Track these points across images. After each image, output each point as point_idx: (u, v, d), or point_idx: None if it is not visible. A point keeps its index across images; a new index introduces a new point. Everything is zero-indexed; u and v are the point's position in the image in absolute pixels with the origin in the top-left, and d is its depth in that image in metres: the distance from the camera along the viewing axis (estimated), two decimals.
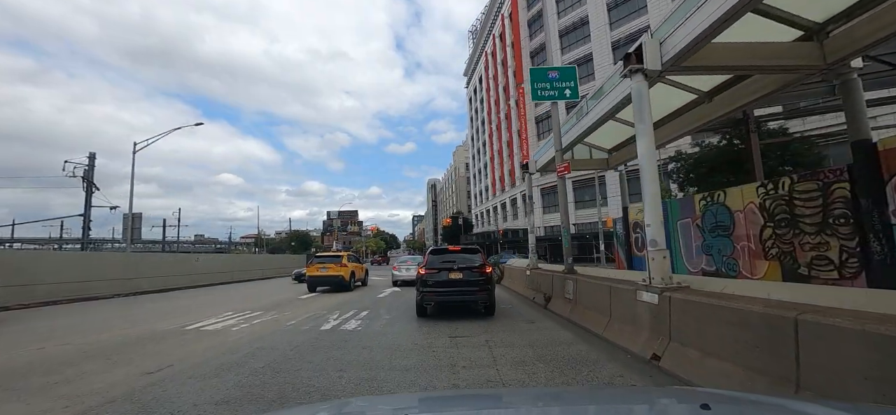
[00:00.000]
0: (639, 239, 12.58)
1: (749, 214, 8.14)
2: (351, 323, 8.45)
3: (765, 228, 7.76)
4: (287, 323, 8.66)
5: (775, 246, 7.55)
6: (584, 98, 10.52)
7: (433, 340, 6.68)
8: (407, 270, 17.93)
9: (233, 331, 7.93)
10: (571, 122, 10.55)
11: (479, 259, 9.02)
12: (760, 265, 7.88)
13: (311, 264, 16.14)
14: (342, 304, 11.94)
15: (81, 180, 31.87)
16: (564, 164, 9.05)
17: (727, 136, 23.57)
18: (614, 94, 7.78)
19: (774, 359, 3.27)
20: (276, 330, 7.89)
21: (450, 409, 1.61)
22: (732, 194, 8.65)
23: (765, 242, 7.78)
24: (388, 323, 8.36)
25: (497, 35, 59.25)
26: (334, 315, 9.63)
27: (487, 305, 8.72)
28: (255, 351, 6.11)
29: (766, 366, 3.35)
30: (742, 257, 8.33)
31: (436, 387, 4.41)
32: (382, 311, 10.20)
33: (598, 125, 9.47)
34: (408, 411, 1.57)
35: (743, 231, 8.32)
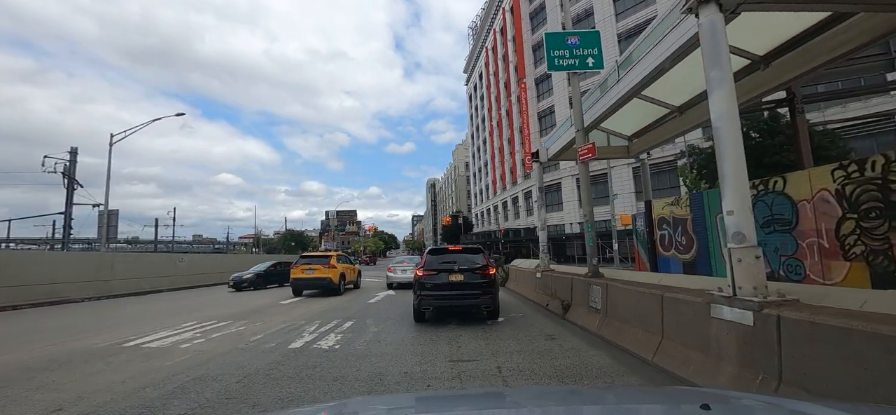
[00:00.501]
0: (665, 237, 11.03)
1: (820, 204, 6.58)
2: (329, 338, 6.89)
3: (844, 220, 6.20)
4: (252, 338, 7.09)
5: (860, 243, 6.00)
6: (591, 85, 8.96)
7: (428, 366, 5.11)
8: (402, 272, 16.38)
9: (180, 349, 6.36)
10: (593, 98, 8.97)
11: (482, 260, 8.24)
12: (838, 267, 6.33)
13: (296, 266, 14.56)
14: (326, 311, 10.38)
15: (62, 177, 30.30)
16: (588, 145, 7.49)
17: (744, 127, 22.17)
18: (665, 46, 6.17)
19: None
20: (233, 348, 6.32)
21: (451, 408, 1.60)
22: (796, 180, 7.10)
23: (843, 239, 6.22)
24: (374, 339, 6.79)
25: (498, 30, 57.70)
26: (312, 327, 8.06)
27: (491, 309, 8.05)
28: (188, 384, 4.54)
29: None
30: (809, 257, 6.78)
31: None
32: (370, 321, 8.64)
33: (630, 97, 7.90)
34: (408, 410, 1.61)
35: (810, 225, 6.77)
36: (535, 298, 10.99)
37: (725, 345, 3.76)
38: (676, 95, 9.59)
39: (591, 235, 7.57)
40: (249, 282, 18.59)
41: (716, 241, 8.94)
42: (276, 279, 19.86)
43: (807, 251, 6.81)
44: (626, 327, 5.73)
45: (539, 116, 46.24)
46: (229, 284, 18.94)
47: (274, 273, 20.05)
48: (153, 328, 8.33)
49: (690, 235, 9.83)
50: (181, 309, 11.80)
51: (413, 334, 7.14)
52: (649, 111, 10.54)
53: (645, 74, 6.70)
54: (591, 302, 7.11)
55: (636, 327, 5.48)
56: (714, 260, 9.01)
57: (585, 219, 7.66)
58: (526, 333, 6.97)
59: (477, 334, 6.90)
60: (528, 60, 47.58)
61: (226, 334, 7.49)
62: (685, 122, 9.88)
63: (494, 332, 7.10)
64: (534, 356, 5.47)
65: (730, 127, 3.91)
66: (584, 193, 7.78)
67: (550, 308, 9.21)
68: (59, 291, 15.99)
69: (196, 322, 9.03)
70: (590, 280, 7.25)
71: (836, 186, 6.30)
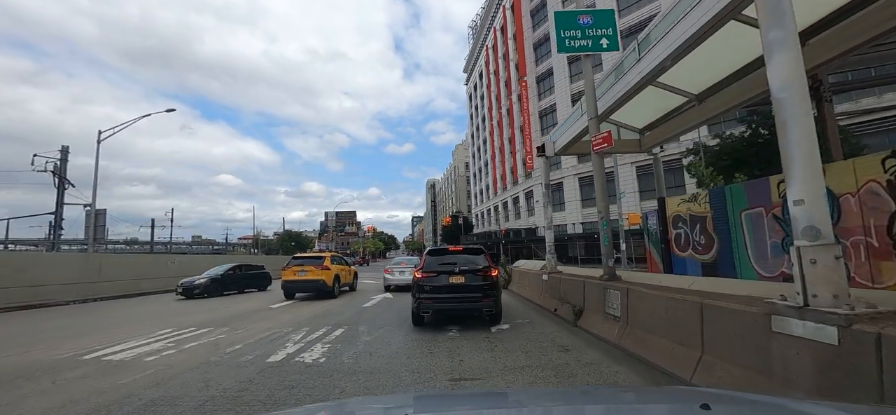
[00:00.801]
0: (680, 236, 10.28)
1: (868, 198, 5.84)
2: (314, 349, 6.13)
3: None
4: (228, 348, 6.34)
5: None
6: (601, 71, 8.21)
7: (426, 386, 4.36)
8: (400, 274, 15.62)
9: (144, 363, 5.60)
10: (607, 84, 8.22)
11: (483, 261, 7.85)
12: (890, 269, 5.58)
13: (288, 267, 13.80)
14: (317, 316, 9.62)
15: (52, 176, 29.54)
16: (603, 134, 6.74)
17: (753, 125, 21.40)
18: (698, 14, 5.39)
19: None
20: (205, 361, 5.57)
21: (451, 408, 1.57)
22: (838, 171, 6.35)
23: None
24: (365, 350, 6.03)
25: (498, 28, 57.00)
26: (298, 335, 7.30)
27: (493, 313, 7.69)
28: (137, 411, 3.79)
29: None
30: (855, 258, 6.02)
31: None
32: (363, 328, 7.88)
33: (648, 82, 7.15)
34: (409, 410, 1.54)
35: (855, 221, 6.02)
36: (542, 302, 10.24)
37: (796, 368, 3.00)
38: (695, 83, 8.87)
39: (607, 233, 6.81)
40: (203, 288, 15.75)
41: (740, 240, 8.20)
42: (236, 284, 17.61)
43: (851, 251, 6.06)
44: (653, 338, 4.98)
45: (540, 115, 45.52)
46: (177, 290, 16.06)
47: (233, 278, 17.58)
48: (125, 336, 7.57)
49: (711, 234, 9.09)
50: (163, 313, 11.05)
51: (409, 343, 6.38)
52: (663, 101, 9.81)
53: (676, 46, 5.92)
54: (607, 308, 6.36)
55: (665, 338, 4.73)
56: (738, 261, 8.27)
57: (600, 216, 6.90)
58: (536, 343, 6.22)
59: (480, 345, 6.15)
60: (529, 58, 46.86)
61: (201, 344, 6.73)
62: (704, 111, 9.13)
63: (500, 342, 6.35)
64: (548, 373, 4.72)
65: (797, 98, 3.16)
66: (598, 188, 7.03)
67: (560, 314, 8.45)
68: (41, 293, 15.25)
69: (173, 329, 8.28)
70: (606, 284, 6.50)
71: (888, 177, 5.56)
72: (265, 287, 19.16)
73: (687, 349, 4.30)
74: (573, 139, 9.87)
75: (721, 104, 8.80)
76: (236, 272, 18.03)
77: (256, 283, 18.88)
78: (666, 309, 4.76)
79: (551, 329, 7.28)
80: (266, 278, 19.52)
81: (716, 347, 3.88)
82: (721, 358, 3.80)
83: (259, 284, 18.99)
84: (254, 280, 18.82)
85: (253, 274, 18.98)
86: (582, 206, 39.63)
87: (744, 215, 8.16)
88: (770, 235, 7.52)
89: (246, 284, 18.22)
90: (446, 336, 6.80)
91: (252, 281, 18.67)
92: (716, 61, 7.89)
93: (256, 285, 18.82)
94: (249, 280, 18.54)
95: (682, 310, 4.45)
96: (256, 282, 18.90)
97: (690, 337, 4.27)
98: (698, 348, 4.12)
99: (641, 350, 5.06)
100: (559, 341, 6.35)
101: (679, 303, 4.55)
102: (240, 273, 18.23)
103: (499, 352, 5.74)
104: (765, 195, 7.62)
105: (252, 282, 18.65)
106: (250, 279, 18.64)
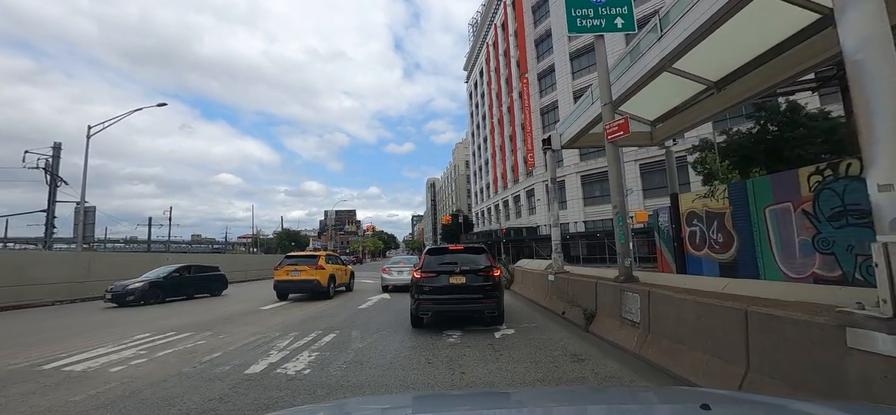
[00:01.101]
0: (695, 234, 9.67)
1: None
2: (300, 359, 5.52)
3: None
4: (205, 357, 5.73)
5: None
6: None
7: None
8: (398, 274, 15.03)
9: (107, 374, 5.00)
10: (621, 68, 7.59)
11: (485, 260, 7.54)
12: None
13: (281, 266, 13.20)
14: (308, 319, 9.02)
15: (44, 173, 28.93)
16: (619, 120, 6.13)
17: (761, 121, 20.77)
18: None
19: None
20: (175, 373, 4.96)
21: (451, 408, 1.57)
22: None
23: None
24: (356, 359, 5.43)
25: (499, 25, 56.34)
26: (285, 341, 6.70)
27: (495, 315, 7.35)
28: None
29: None
30: None
31: None
32: (356, 333, 7.27)
33: (666, 66, 6.54)
34: (408, 410, 1.56)
35: None
36: (548, 304, 9.63)
37: (883, 394, 2.39)
38: (714, 68, 8.25)
39: (624, 230, 6.20)
40: (139, 294, 12.90)
41: (764, 238, 7.59)
42: (183, 289, 14.98)
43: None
44: (681, 348, 4.37)
45: (542, 112, 44.89)
46: (105, 295, 13.05)
47: (179, 281, 14.91)
48: (97, 341, 6.97)
49: (730, 231, 8.48)
50: (143, 314, 10.45)
51: (405, 352, 5.78)
52: (677, 90, 9.19)
53: (707, 17, 5.29)
54: (624, 313, 5.75)
55: (698, 349, 4.12)
56: (762, 260, 7.66)
57: (616, 211, 6.29)
58: (545, 351, 5.61)
59: (484, 354, 5.54)
60: (530, 55, 46.22)
61: (176, 351, 6.12)
62: (722, 100, 8.52)
63: (506, 350, 5.75)
64: (562, 388, 4.11)
65: (880, 57, 2.55)
66: (613, 181, 6.40)
67: (568, 317, 7.85)
68: (26, 293, 14.68)
69: (151, 333, 7.67)
70: (622, 286, 5.89)
71: None
72: (219, 292, 16.69)
73: (725, 364, 3.70)
74: (582, 131, 9.25)
75: (742, 92, 8.20)
76: (184, 275, 15.31)
77: (209, 287, 16.31)
78: (698, 316, 4.15)
79: (560, 335, 6.67)
80: (220, 282, 17.02)
81: (766, 363, 3.27)
82: (773, 377, 3.19)
83: (212, 288, 16.43)
84: (206, 284, 16.26)
85: (204, 277, 16.43)
86: (584, 204, 39.02)
87: (768, 211, 7.55)
88: (799, 233, 6.91)
89: (196, 288, 15.64)
90: (446, 343, 6.19)
91: (203, 285, 16.12)
92: (738, 43, 7.27)
93: (209, 290, 16.24)
94: (200, 284, 15.97)
95: (719, 317, 3.84)
96: (209, 286, 16.34)
97: (731, 350, 3.66)
98: (742, 362, 3.51)
99: (668, 362, 4.46)
100: (571, 348, 5.74)
101: (714, 309, 3.94)
102: (188, 276, 15.54)
103: (505, 362, 5.14)
104: (793, 189, 7.01)
105: (203, 286, 16.10)
106: (201, 283, 16.06)
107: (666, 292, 4.88)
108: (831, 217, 6.32)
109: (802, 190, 6.83)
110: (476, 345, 6.02)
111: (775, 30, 6.86)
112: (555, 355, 5.42)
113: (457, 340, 6.40)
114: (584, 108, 9.21)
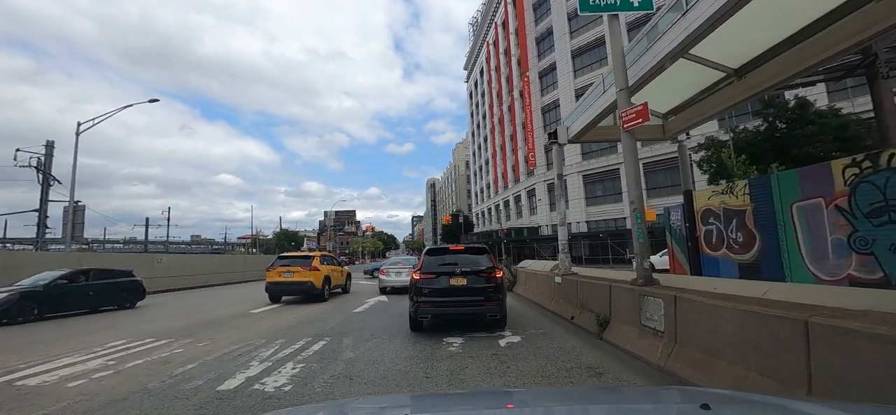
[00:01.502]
0: (712, 233, 9.08)
1: None
2: (282, 372, 4.93)
3: None
4: (178, 369, 5.15)
5: None
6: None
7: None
8: (396, 275, 14.45)
9: (63, 390, 4.41)
10: (634, 54, 7.00)
11: (487, 261, 7.26)
12: None
13: (273, 267, 12.61)
14: (298, 324, 8.43)
15: (36, 172, 28.35)
16: (638, 107, 5.54)
17: (769, 118, 20.20)
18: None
19: None
20: (138, 390, 4.38)
21: (451, 408, 1.56)
22: None
23: None
24: (345, 373, 4.84)
25: (499, 23, 55.80)
26: (270, 349, 6.11)
27: (497, 318, 7.16)
28: None
29: None
30: None
31: None
32: (348, 340, 6.68)
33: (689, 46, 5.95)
34: (407, 410, 1.55)
35: None
36: (554, 308, 9.05)
37: None
38: (734, 54, 7.68)
39: (642, 227, 5.60)
40: (1, 309, 9.50)
41: (791, 236, 7.00)
42: (76, 301, 11.24)
43: None
44: (718, 363, 3.79)
45: (543, 111, 44.31)
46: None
47: (69, 291, 11.09)
48: (63, 350, 6.39)
49: (751, 230, 7.89)
50: (124, 319, 9.87)
51: (401, 363, 5.19)
52: (694, 79, 8.63)
53: None
54: (644, 320, 5.17)
55: (739, 365, 3.54)
56: (788, 261, 7.07)
57: (633, 207, 5.69)
58: (557, 363, 5.02)
59: (489, 366, 4.96)
60: (531, 53, 45.66)
61: (146, 362, 5.54)
62: (743, 89, 7.93)
63: (513, 361, 5.16)
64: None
65: None
66: (630, 174, 5.81)
67: (578, 323, 7.26)
68: None
69: (126, 340, 7.09)
70: (642, 289, 5.31)
71: None
72: (133, 303, 12.85)
73: (777, 384, 3.11)
74: (591, 123, 8.66)
75: (764, 80, 7.60)
76: (76, 282, 11.38)
77: (116, 298, 12.35)
78: (740, 326, 3.56)
79: (572, 343, 6.08)
80: (135, 291, 13.02)
81: (835, 386, 2.68)
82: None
83: (121, 299, 12.47)
84: (111, 294, 12.21)
85: (109, 284, 12.24)
86: (586, 204, 38.46)
87: (795, 208, 6.96)
88: (831, 231, 6.32)
89: (98, 299, 11.74)
90: (446, 353, 5.61)
91: (107, 295, 12.09)
92: (763, 25, 6.71)
93: (116, 302, 12.33)
94: (103, 294, 11.94)
95: (769, 328, 3.25)
96: (116, 296, 12.34)
97: (784, 368, 3.07)
98: (801, 384, 2.92)
99: (701, 378, 3.87)
100: (585, 359, 5.16)
101: (761, 318, 3.35)
102: (85, 283, 11.54)
103: (512, 376, 4.56)
104: (825, 183, 6.42)
105: (108, 296, 12.09)
106: (104, 293, 11.98)
107: (697, 298, 4.29)
108: (870, 213, 5.74)
109: (836, 184, 6.24)
110: (479, 355, 5.44)
111: (804, 10, 6.30)
112: (568, 367, 4.84)
113: (458, 349, 5.81)
114: (593, 98, 8.62)
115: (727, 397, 1.49)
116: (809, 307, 3.20)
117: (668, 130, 10.06)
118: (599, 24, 37.86)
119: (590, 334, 6.47)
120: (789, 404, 1.37)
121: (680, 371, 4.19)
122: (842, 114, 19.41)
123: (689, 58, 7.20)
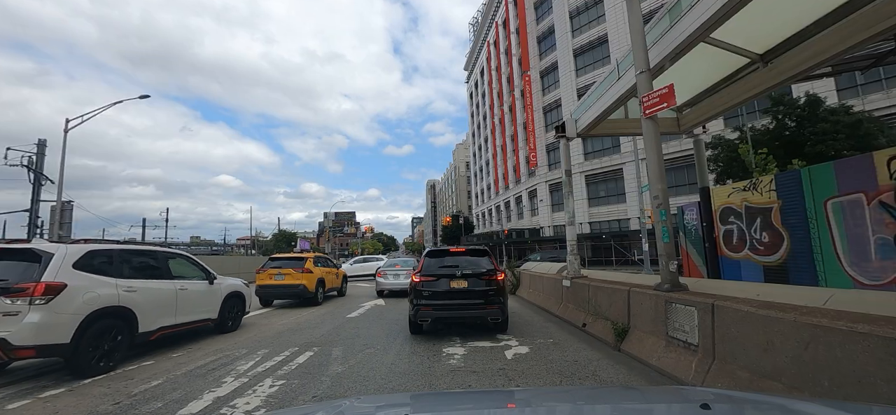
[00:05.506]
0: (732, 233, 8.43)
1: None
2: (258, 390, 4.28)
3: None
4: (140, 387, 4.49)
5: None
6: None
7: None
8: (394, 277, 13.81)
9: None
10: (655, 34, 6.35)
11: (488, 263, 7.12)
12: None
13: (264, 269, 11.96)
14: (287, 331, 7.78)
15: (27, 171, 27.73)
16: (662, 89, 4.91)
17: (779, 116, 19.60)
18: None
19: None
20: (90, 412, 3.74)
21: (451, 408, 1.54)
22: None
23: None
24: (329, 393, 4.18)
25: (500, 22, 55.27)
26: (249, 362, 5.46)
27: (499, 322, 7.02)
28: None
29: None
30: None
31: None
32: (338, 351, 6.03)
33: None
34: (407, 410, 1.54)
35: None
36: (562, 314, 8.41)
37: None
38: (759, 39, 7.05)
39: (667, 225, 4.96)
40: None
41: (825, 236, 6.35)
42: None
43: None
44: (774, 387, 3.14)
45: (544, 111, 43.73)
46: None
47: None
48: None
49: (778, 229, 7.25)
50: None
51: (395, 379, 4.54)
52: (712, 66, 8.00)
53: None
54: (672, 331, 4.52)
55: (805, 391, 2.89)
56: (821, 265, 6.42)
57: (657, 203, 5.05)
58: (573, 380, 4.38)
59: (495, 383, 4.32)
60: (532, 52, 45.09)
61: (107, 378, 4.89)
62: (768, 77, 7.30)
63: (521, 377, 4.52)
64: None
65: None
66: (652, 167, 5.17)
67: (591, 331, 6.61)
68: None
69: None
70: (669, 296, 4.66)
71: None
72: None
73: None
74: (604, 112, 8.01)
75: (792, 66, 6.98)
76: None
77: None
78: (805, 344, 2.92)
79: (587, 355, 5.44)
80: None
81: None
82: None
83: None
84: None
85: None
86: (589, 205, 37.80)
87: (830, 204, 6.32)
88: (874, 230, 5.68)
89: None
90: (446, 367, 4.96)
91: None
92: (794, 4, 6.10)
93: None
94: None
95: (848, 348, 2.61)
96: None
97: (876, 397, 2.43)
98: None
99: None
100: (605, 375, 4.51)
101: (836, 334, 2.71)
102: None
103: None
104: (866, 177, 5.78)
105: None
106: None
107: (739, 307, 3.65)
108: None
109: (880, 177, 5.60)
110: (484, 370, 4.79)
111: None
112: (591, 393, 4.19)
113: (459, 362, 5.16)
114: (605, 87, 7.97)
115: (727, 397, 1.50)
116: (889, 320, 2.56)
117: (683, 123, 9.43)
118: (602, 22, 37.28)
119: (605, 345, 5.82)
120: (789, 404, 1.36)
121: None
122: (853, 112, 18.86)
123: (710, 42, 6.56)
